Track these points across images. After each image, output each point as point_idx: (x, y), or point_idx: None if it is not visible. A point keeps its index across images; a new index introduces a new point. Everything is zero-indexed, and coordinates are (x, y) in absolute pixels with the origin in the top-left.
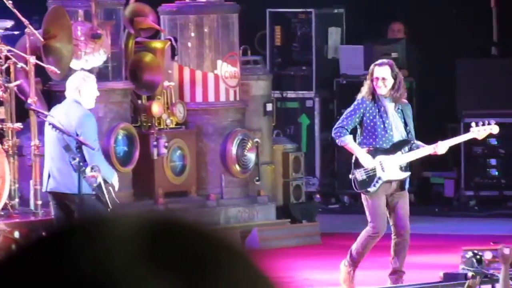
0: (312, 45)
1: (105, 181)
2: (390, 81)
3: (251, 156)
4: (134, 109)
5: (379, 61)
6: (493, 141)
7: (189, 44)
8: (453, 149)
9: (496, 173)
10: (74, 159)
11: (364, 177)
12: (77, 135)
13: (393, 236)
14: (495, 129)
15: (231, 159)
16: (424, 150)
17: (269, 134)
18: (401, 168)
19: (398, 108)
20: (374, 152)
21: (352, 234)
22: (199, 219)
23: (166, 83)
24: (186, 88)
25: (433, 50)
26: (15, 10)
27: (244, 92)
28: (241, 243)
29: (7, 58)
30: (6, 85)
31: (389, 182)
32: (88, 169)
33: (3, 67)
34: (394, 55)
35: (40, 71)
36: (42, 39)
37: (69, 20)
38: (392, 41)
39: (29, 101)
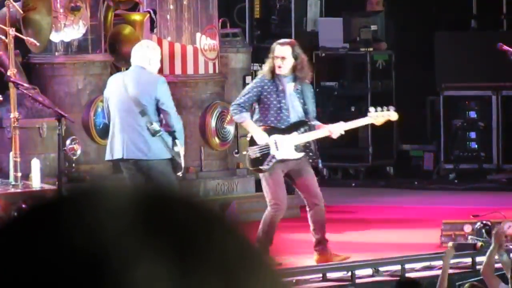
0: (291, 18)
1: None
2: (289, 61)
3: (230, 128)
4: None
5: (282, 40)
6: (473, 114)
7: (168, 17)
8: (433, 122)
9: (476, 146)
10: (151, 123)
11: (258, 155)
12: (156, 100)
13: (307, 209)
14: (393, 116)
15: (210, 132)
16: (319, 132)
17: None
18: (296, 149)
19: (297, 88)
20: (270, 131)
21: (331, 207)
22: (190, 190)
23: None
24: (165, 61)
25: (412, 23)
26: None
27: (223, 65)
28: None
29: None
30: None
31: (284, 161)
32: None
33: None
34: (373, 27)
35: (19, 44)
36: (21, 11)
37: None
38: (371, 13)
39: (8, 73)
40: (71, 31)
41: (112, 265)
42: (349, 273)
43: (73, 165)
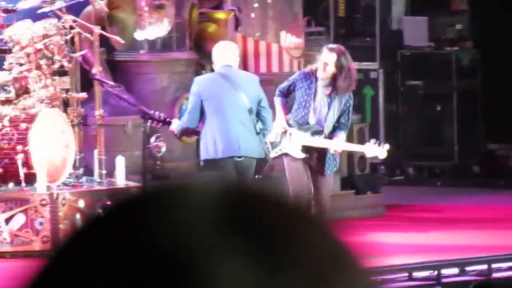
0: (375, 16)
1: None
2: (331, 68)
3: None
4: None
5: (332, 45)
6: None
7: (253, 15)
8: None
9: None
10: (257, 121)
11: (272, 141)
12: (260, 99)
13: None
14: (381, 155)
15: None
16: (323, 141)
17: None
18: (301, 149)
19: (331, 96)
20: (292, 123)
21: (416, 206)
22: (274, 188)
23: None
24: (250, 59)
25: (498, 21)
26: None
27: (308, 63)
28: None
29: (72, 28)
30: (71, 55)
31: (306, 154)
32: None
33: (68, 37)
34: (458, 26)
35: (104, 41)
36: (106, 9)
37: None
38: (456, 12)
39: (93, 71)
40: (155, 29)
41: (195, 265)
42: (435, 272)
43: (158, 162)
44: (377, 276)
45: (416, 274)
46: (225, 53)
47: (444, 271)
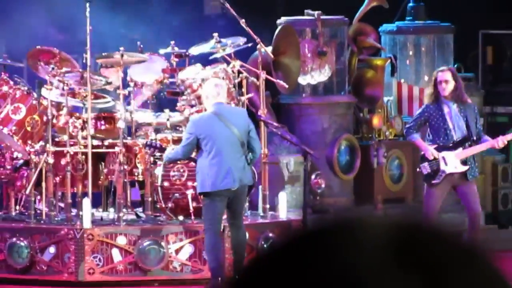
0: None
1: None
2: (451, 84)
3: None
4: (356, 121)
5: (442, 67)
6: None
7: (408, 62)
8: None
9: None
10: (248, 153)
11: (429, 170)
12: (249, 130)
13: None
14: None
15: None
16: (483, 145)
17: None
18: (462, 162)
19: (461, 109)
20: (438, 149)
21: None
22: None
23: (386, 98)
24: (404, 103)
25: None
26: (247, 28)
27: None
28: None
29: (239, 72)
30: (238, 97)
31: (452, 174)
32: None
33: (236, 81)
34: None
35: (269, 85)
36: (272, 56)
37: (298, 38)
38: None
39: (259, 112)
40: (317, 74)
41: None
42: None
43: (317, 198)
44: None
45: None
46: (217, 90)
47: None
